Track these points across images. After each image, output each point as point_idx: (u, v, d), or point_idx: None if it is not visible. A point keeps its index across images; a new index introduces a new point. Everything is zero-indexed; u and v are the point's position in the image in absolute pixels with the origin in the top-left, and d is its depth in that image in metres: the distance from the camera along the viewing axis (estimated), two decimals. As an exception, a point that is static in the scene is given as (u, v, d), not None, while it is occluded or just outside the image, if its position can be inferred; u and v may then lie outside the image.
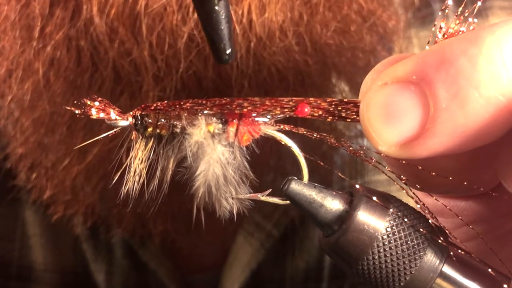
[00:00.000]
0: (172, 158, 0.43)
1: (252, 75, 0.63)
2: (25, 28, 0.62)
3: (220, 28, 0.39)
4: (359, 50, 0.69)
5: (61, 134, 0.67)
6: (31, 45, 0.62)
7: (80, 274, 0.90)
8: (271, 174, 0.73)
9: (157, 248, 0.89)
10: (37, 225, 0.90)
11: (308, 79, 0.66)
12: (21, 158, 0.75)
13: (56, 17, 0.60)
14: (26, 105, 0.66)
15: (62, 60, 0.62)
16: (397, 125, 0.37)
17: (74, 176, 0.70)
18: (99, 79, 0.62)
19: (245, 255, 0.86)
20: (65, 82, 0.63)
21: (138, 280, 0.91)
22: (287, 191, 0.41)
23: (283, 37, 0.62)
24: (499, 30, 0.35)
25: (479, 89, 0.35)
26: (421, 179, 0.42)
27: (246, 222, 0.86)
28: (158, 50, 0.60)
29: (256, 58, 0.62)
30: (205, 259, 0.93)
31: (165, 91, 0.62)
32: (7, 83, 0.65)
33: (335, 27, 0.64)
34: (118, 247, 0.90)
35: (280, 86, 0.65)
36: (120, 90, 0.63)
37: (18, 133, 0.71)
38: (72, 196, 0.74)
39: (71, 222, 0.83)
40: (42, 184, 0.74)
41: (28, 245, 0.90)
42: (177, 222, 0.77)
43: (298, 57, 0.63)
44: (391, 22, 0.72)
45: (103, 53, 0.61)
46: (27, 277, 0.90)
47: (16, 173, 0.79)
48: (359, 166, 0.84)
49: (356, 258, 0.40)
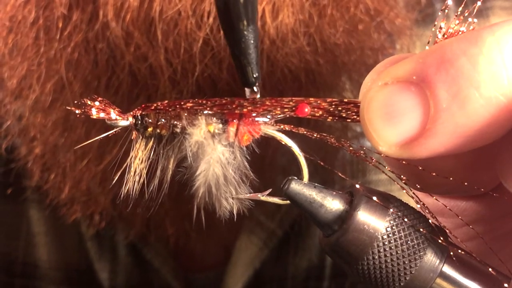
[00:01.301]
0: (172, 158, 0.43)
1: (266, 77, 0.63)
2: (46, 29, 0.63)
3: (249, 52, 0.39)
4: (368, 49, 0.69)
5: (78, 135, 0.68)
6: (52, 46, 0.62)
7: (84, 272, 0.91)
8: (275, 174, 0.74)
9: (161, 246, 0.89)
10: (42, 223, 0.90)
11: (319, 78, 0.66)
12: (36, 158, 0.75)
13: (75, 20, 0.61)
14: (47, 106, 0.66)
15: (81, 62, 0.63)
16: (398, 125, 0.37)
17: (92, 177, 0.71)
18: (116, 82, 0.63)
19: (249, 254, 0.87)
20: (83, 84, 0.64)
21: (142, 279, 0.91)
22: (287, 191, 0.41)
23: (295, 39, 0.62)
24: (499, 30, 0.35)
25: (480, 89, 0.35)
26: (422, 179, 0.42)
27: (249, 221, 0.87)
28: (174, 55, 0.61)
29: (270, 60, 0.62)
30: (208, 258, 0.93)
31: (181, 93, 0.62)
32: (28, 83, 0.66)
33: (343, 27, 0.65)
34: (121, 245, 0.90)
35: (293, 86, 0.65)
36: (137, 93, 0.64)
37: (37, 134, 0.71)
38: (89, 197, 0.75)
39: (86, 222, 0.83)
40: (60, 185, 0.75)
41: (33, 243, 0.91)
42: (187, 223, 0.77)
43: (310, 57, 0.64)
44: (398, 20, 0.72)
45: (119, 56, 0.61)
46: (32, 274, 0.90)
47: (30, 174, 0.79)
48: (360, 165, 0.84)
49: (356, 258, 0.40)
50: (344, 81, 0.71)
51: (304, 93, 0.65)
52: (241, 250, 0.87)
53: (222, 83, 0.63)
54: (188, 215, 0.74)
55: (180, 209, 0.72)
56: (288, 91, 0.65)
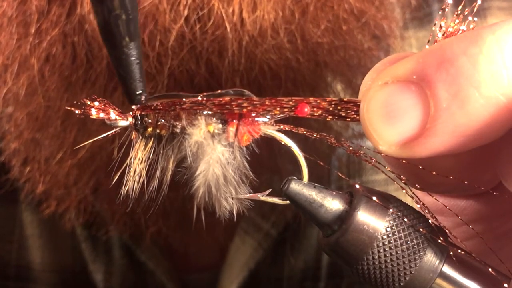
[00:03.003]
0: (172, 158, 0.42)
1: (244, 73, 0.63)
2: (22, 24, 0.62)
3: (131, 69, 0.39)
4: (352, 49, 0.69)
5: (55, 129, 0.68)
6: (27, 41, 0.62)
7: (79, 273, 0.90)
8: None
9: (155, 248, 0.89)
10: (35, 225, 0.90)
11: (299, 77, 0.66)
12: (14, 152, 0.75)
13: (53, 14, 0.60)
14: (21, 99, 0.66)
15: (57, 56, 0.62)
16: (398, 125, 0.37)
17: (67, 171, 0.70)
18: (93, 75, 0.62)
19: (244, 255, 0.86)
20: (60, 77, 0.63)
21: (136, 280, 0.91)
22: (287, 191, 0.41)
23: (275, 35, 0.62)
24: (499, 29, 0.35)
25: (480, 89, 0.35)
26: (421, 178, 0.42)
27: (243, 221, 0.86)
28: (149, 48, 0.60)
29: (248, 55, 0.62)
30: (202, 259, 0.93)
31: (156, 87, 0.62)
32: (2, 78, 0.65)
33: (326, 26, 0.64)
34: (116, 247, 0.90)
35: (272, 84, 0.65)
36: (113, 87, 0.63)
37: (12, 127, 0.71)
38: (64, 191, 0.74)
39: (64, 218, 0.82)
40: (35, 179, 0.75)
41: (26, 245, 0.90)
42: (169, 220, 0.76)
43: (290, 54, 0.63)
44: (385, 22, 0.72)
45: (97, 49, 0.61)
46: (26, 277, 0.90)
47: (9, 168, 0.79)
48: (357, 165, 0.84)
49: (356, 258, 0.39)
50: (328, 82, 0.71)
51: (283, 91, 0.65)
52: (235, 251, 0.87)
53: (199, 77, 0.62)
54: (175, 213, 0.74)
55: (166, 206, 0.72)
56: (267, 89, 0.65)
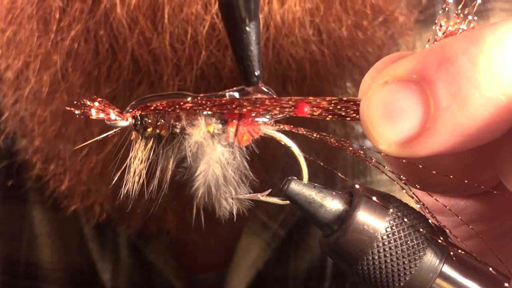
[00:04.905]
0: (172, 158, 0.43)
1: (271, 65, 0.63)
2: (42, 20, 0.62)
3: (250, 49, 0.38)
4: (371, 45, 0.69)
5: (78, 125, 0.67)
6: (49, 38, 0.61)
7: (87, 272, 0.91)
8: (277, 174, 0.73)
9: (163, 247, 0.89)
10: (44, 224, 0.91)
11: (324, 70, 0.66)
12: (37, 150, 0.74)
13: (75, 10, 0.60)
14: (44, 97, 0.66)
15: (80, 52, 0.62)
16: (398, 124, 0.37)
17: (92, 167, 0.70)
18: (118, 70, 0.62)
19: (252, 255, 0.86)
20: (83, 73, 0.63)
21: (144, 279, 0.91)
22: (287, 191, 0.41)
23: (301, 28, 0.62)
24: (499, 29, 0.35)
25: (480, 89, 0.35)
26: (421, 178, 0.42)
27: (251, 221, 0.86)
28: (179, 40, 0.59)
29: (275, 48, 0.62)
30: (210, 258, 0.93)
31: (185, 80, 0.61)
32: (25, 76, 0.65)
33: (349, 21, 0.65)
34: (124, 246, 0.90)
35: (297, 76, 0.65)
36: (139, 80, 0.63)
37: (36, 125, 0.71)
38: (88, 187, 0.74)
39: (87, 215, 0.82)
40: (60, 175, 0.74)
41: (36, 244, 0.91)
42: (183, 221, 0.77)
43: (315, 47, 0.63)
44: (401, 19, 0.72)
45: (122, 42, 0.60)
46: (35, 275, 0.91)
47: (31, 166, 0.79)
48: (362, 165, 0.84)
49: (356, 258, 0.39)
50: (346, 76, 0.71)
51: (309, 84, 0.65)
52: (243, 251, 0.87)
53: (225, 70, 0.62)
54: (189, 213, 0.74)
55: (181, 202, 0.72)
56: (293, 81, 0.64)
